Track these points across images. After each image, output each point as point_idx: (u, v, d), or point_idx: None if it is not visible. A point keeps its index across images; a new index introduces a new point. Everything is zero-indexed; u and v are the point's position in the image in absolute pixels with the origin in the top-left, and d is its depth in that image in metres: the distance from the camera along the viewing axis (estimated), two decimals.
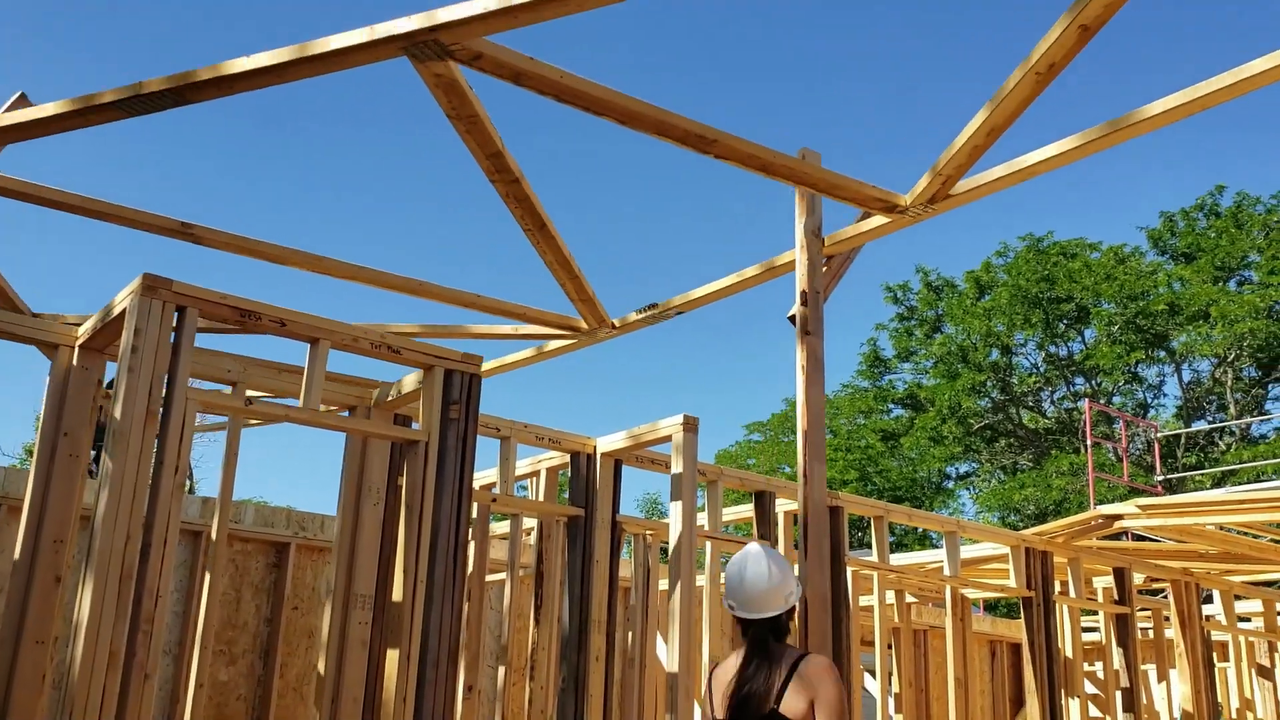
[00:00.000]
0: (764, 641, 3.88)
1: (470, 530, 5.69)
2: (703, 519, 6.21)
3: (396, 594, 4.36)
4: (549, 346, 6.03)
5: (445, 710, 4.37)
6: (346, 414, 5.05)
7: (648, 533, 7.12)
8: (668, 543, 5.62)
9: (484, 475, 6.53)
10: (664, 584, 7.71)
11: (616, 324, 5.67)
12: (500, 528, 7.94)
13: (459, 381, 4.69)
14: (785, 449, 31.35)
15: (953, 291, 30.53)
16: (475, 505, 5.86)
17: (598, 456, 5.95)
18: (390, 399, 5.01)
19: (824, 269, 5.01)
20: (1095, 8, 3.72)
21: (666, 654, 5.53)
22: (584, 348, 6.22)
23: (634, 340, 65.01)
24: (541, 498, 6.24)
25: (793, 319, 5.05)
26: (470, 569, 5.97)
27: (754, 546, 4.06)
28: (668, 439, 5.75)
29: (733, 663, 3.96)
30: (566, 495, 5.97)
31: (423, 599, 4.34)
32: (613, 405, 62.40)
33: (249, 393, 4.63)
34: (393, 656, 4.22)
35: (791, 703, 3.67)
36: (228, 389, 4.85)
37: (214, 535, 4.29)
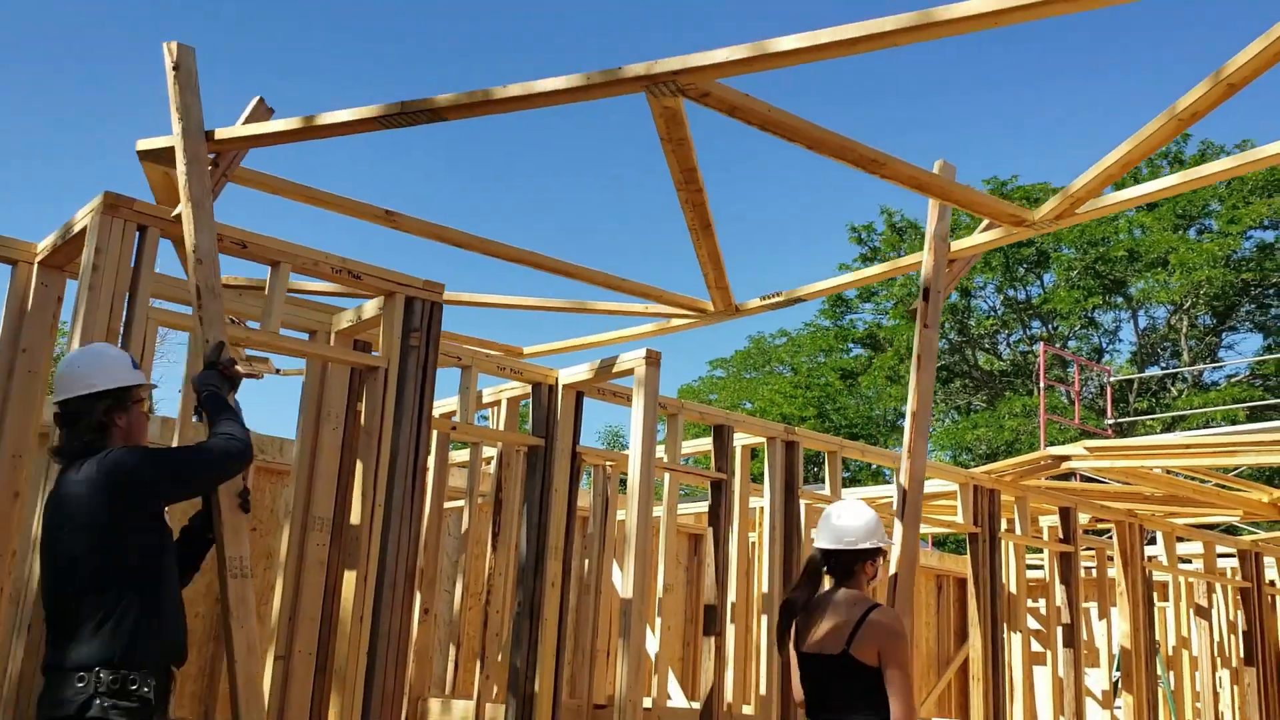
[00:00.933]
0: (816, 566, 4.12)
1: (429, 457, 5.74)
2: (662, 451, 6.30)
3: (354, 517, 4.41)
4: (672, 324, 6.69)
5: (401, 631, 4.45)
6: (307, 338, 5.05)
7: (607, 463, 7.20)
8: (627, 474, 5.71)
9: (445, 404, 6.56)
10: (622, 514, 7.82)
11: (739, 308, 6.23)
12: (460, 456, 8.00)
13: (420, 309, 4.70)
14: (746, 385, 31.62)
15: (915, 233, 30.66)
16: (435, 433, 5.90)
17: (560, 388, 5.99)
18: (351, 325, 5.01)
19: (946, 270, 5.60)
20: (1245, 71, 4.14)
21: (621, 581, 5.64)
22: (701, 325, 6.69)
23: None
24: (502, 427, 6.29)
25: (913, 312, 5.52)
26: (429, 495, 6.03)
27: (852, 499, 4.35)
28: (630, 372, 5.80)
29: (809, 596, 4.14)
30: (528, 425, 6.02)
31: (380, 522, 4.39)
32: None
33: None
34: (350, 578, 4.28)
35: (860, 647, 3.91)
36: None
37: None
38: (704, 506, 7.71)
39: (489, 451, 6.74)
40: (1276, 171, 26.61)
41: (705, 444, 7.14)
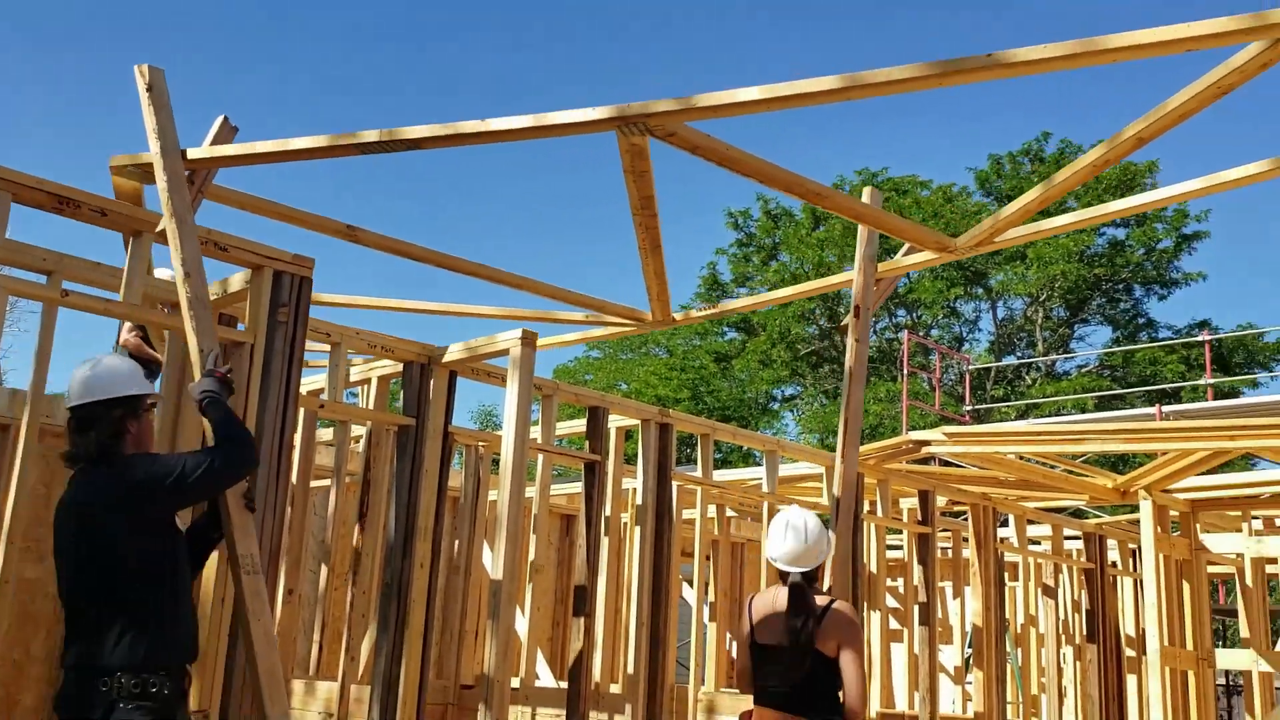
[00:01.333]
0: (802, 590, 4.48)
1: (295, 435, 5.61)
2: (536, 432, 6.30)
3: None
4: (610, 331, 7.19)
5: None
6: (169, 310, 4.88)
7: (480, 444, 7.16)
8: (500, 454, 5.69)
9: (313, 380, 6.42)
10: (494, 494, 7.79)
11: (678, 318, 6.61)
12: (328, 434, 7.84)
13: (289, 283, 4.59)
14: (623, 366, 31.75)
15: (790, 221, 31.23)
16: (302, 410, 5.78)
17: (432, 366, 5.93)
18: (216, 298, 4.86)
19: (874, 289, 6.08)
20: (1155, 127, 4.60)
21: (492, 562, 5.63)
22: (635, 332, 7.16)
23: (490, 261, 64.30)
24: (372, 405, 6.19)
25: (845, 329, 6.05)
26: (294, 474, 5.91)
27: (795, 510, 4.65)
28: (505, 352, 5.77)
29: (769, 596, 4.62)
30: (399, 404, 5.94)
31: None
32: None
33: (66, 284, 4.41)
34: (211, 558, 4.17)
35: (823, 642, 4.39)
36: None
37: (24, 429, 4.11)
38: (577, 487, 7.74)
39: (358, 430, 6.64)
40: (1128, 171, 27.98)
41: (580, 425, 7.16)
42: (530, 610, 6.63)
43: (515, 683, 6.30)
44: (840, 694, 4.38)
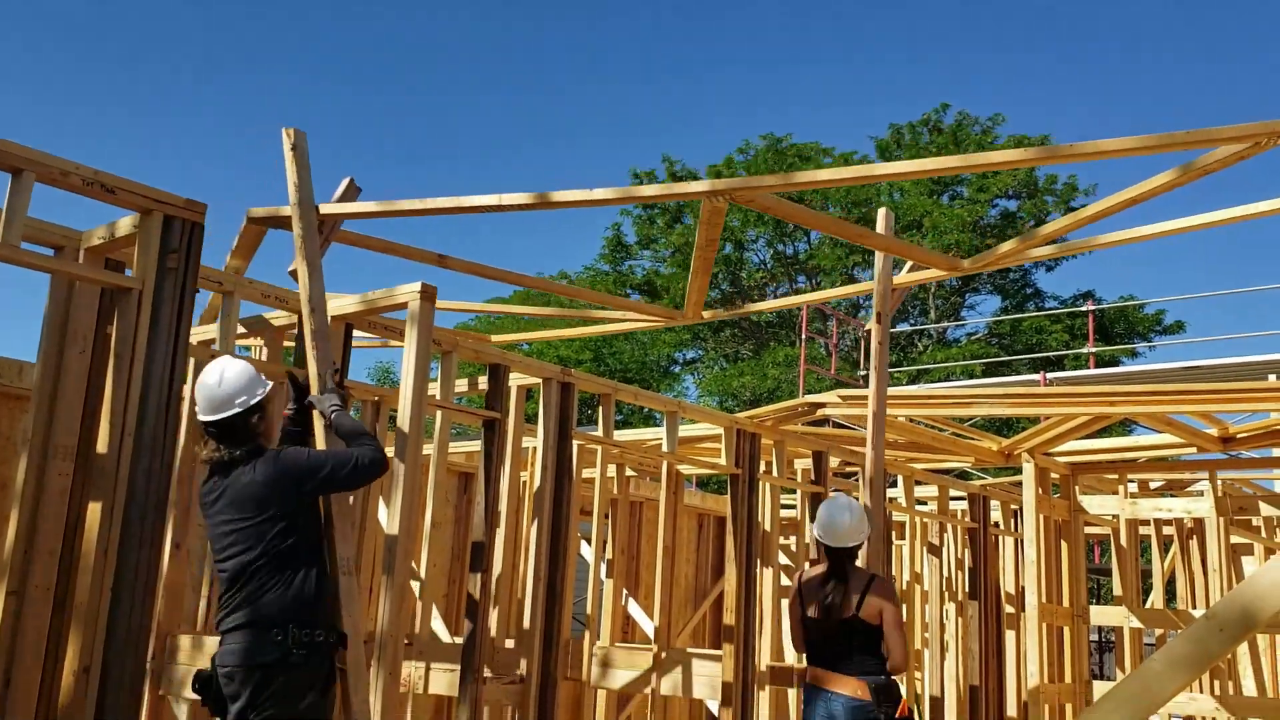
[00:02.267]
0: (843, 565, 5.26)
1: (185, 386, 5.48)
2: (434, 388, 6.23)
3: (101, 446, 4.17)
4: (644, 324, 8.24)
5: (151, 565, 4.27)
6: (52, 253, 4.70)
7: (377, 399, 7.07)
8: (397, 410, 5.63)
9: (205, 330, 6.25)
10: (390, 451, 7.72)
11: (705, 316, 7.36)
12: None
13: (179, 229, 4.46)
14: (525, 327, 31.57)
15: (694, 181, 31.35)
16: (192, 361, 5.63)
17: (327, 319, 5.81)
18: (103, 242, 4.69)
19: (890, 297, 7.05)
20: (1112, 204, 5.38)
21: (387, 518, 5.58)
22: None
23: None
24: (265, 358, 6.06)
25: (868, 334, 7.12)
26: (184, 426, 5.76)
27: (842, 495, 5.47)
28: (403, 306, 5.69)
29: (815, 573, 5.40)
30: (293, 358, 5.83)
31: (130, 452, 4.17)
32: (348, 273, 60.54)
33: None
34: (94, 509, 4.06)
35: (867, 611, 5.07)
36: None
37: None
38: (477, 445, 7.71)
39: None
40: (1022, 144, 28.71)
41: (480, 382, 7.12)
42: (426, 566, 6.60)
43: (409, 638, 6.28)
44: (881, 653, 5.09)
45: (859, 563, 5.45)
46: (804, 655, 5.37)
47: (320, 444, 4.45)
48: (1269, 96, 49.39)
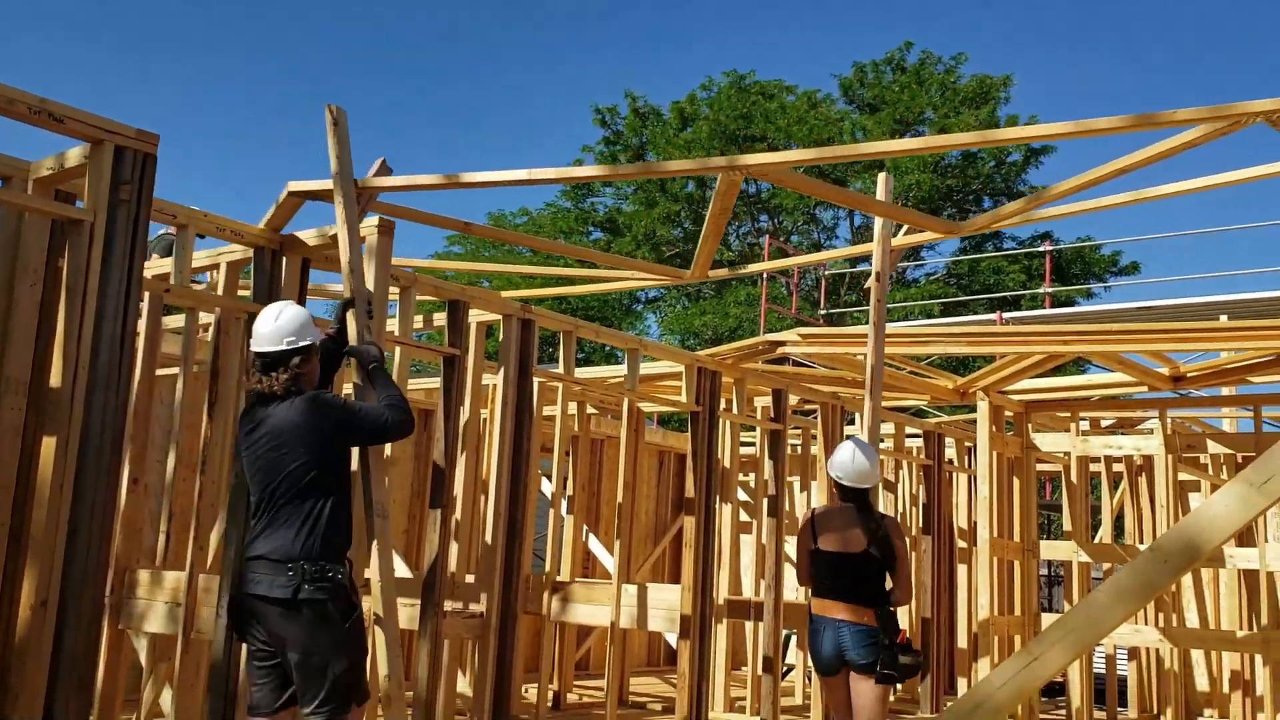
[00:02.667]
0: (863, 503, 5.61)
1: (140, 320, 5.41)
2: (393, 325, 6.20)
3: (54, 380, 4.13)
4: (651, 281, 8.54)
5: (108, 500, 4.25)
6: (1, 184, 4.60)
7: None
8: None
9: (159, 264, 6.16)
10: (349, 387, 7.69)
11: (711, 275, 7.60)
12: (175, 321, 7.57)
13: (131, 160, 4.37)
14: (485, 262, 31.36)
15: (658, 120, 31.07)
16: (147, 295, 5.56)
17: (284, 253, 5.75)
18: (52, 173, 4.60)
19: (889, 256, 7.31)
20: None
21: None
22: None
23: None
24: (221, 292, 5.99)
25: (867, 292, 7.22)
26: (139, 360, 5.70)
27: (859, 439, 5.75)
28: (361, 240, 5.64)
29: (831, 512, 5.69)
30: (250, 293, 5.76)
31: (84, 386, 4.13)
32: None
33: None
34: (49, 443, 4.03)
35: (879, 549, 5.46)
36: None
37: None
38: (437, 381, 7.69)
39: (207, 318, 6.42)
40: (985, 84, 28.71)
41: (440, 319, 7.09)
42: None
43: (368, 573, 6.30)
44: (884, 586, 5.48)
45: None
46: (809, 589, 5.72)
47: (352, 337, 4.74)
48: (1230, 28, 49.65)
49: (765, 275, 20.68)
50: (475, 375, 6.78)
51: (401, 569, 7.84)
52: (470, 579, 6.80)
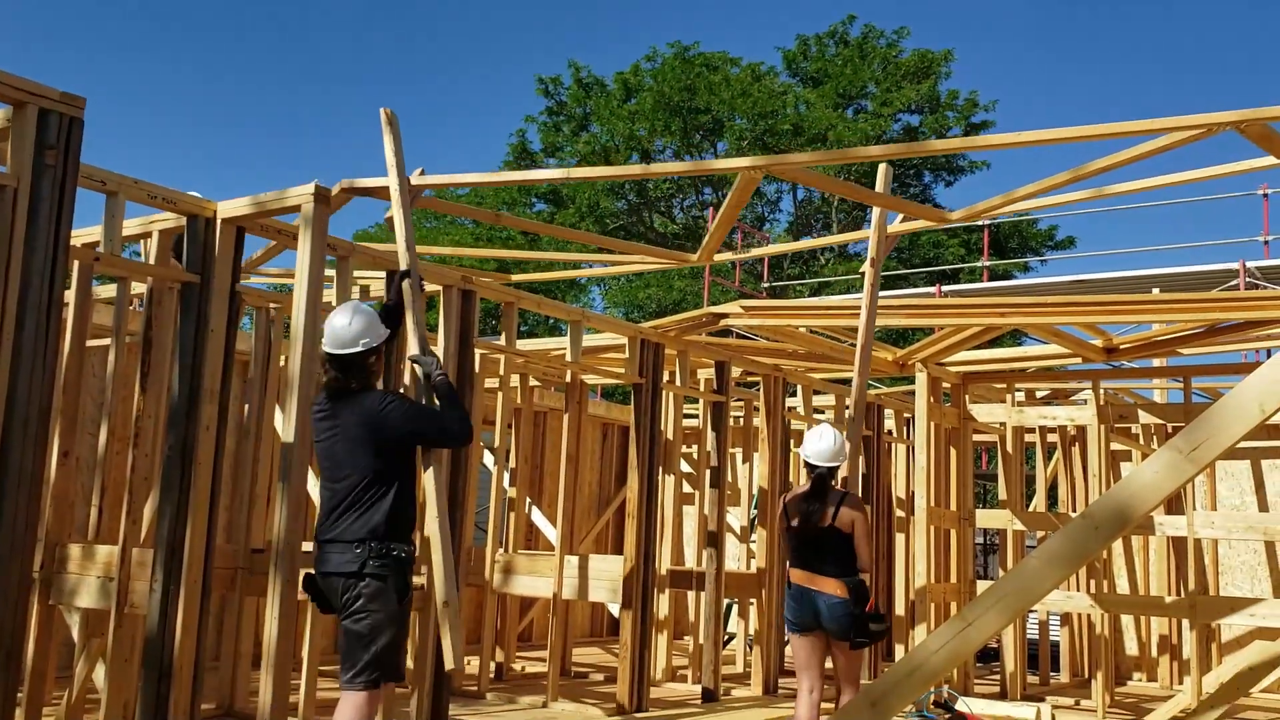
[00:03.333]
0: (824, 483, 6.04)
1: (69, 290, 5.28)
2: (330, 295, 6.11)
3: None
4: (657, 265, 9.14)
5: (35, 473, 4.15)
6: None
7: (271, 305, 6.92)
8: (292, 317, 5.51)
9: (89, 233, 6.01)
10: (284, 360, 7.58)
11: (716, 259, 8.05)
12: (108, 291, 7.41)
13: (57, 123, 4.25)
14: (427, 234, 31.06)
15: (602, 91, 30.89)
16: (76, 263, 5.43)
17: (218, 221, 5.64)
18: None
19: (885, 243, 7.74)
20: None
21: (283, 425, 5.50)
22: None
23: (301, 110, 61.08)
24: (153, 261, 5.86)
25: (863, 275, 7.69)
26: (68, 330, 5.57)
27: (827, 426, 6.18)
28: (296, 209, 5.55)
29: (799, 491, 6.17)
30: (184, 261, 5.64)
31: (9, 356, 4.02)
32: (248, 173, 58.74)
33: None
34: None
35: (841, 521, 5.94)
36: None
37: None
38: None
39: (140, 288, 6.28)
40: (926, 59, 28.90)
41: (379, 290, 7.00)
42: None
43: (308, 546, 6.24)
44: (852, 556, 5.95)
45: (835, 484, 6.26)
46: (789, 561, 6.22)
47: (413, 346, 5.04)
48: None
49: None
50: None
51: None
52: None
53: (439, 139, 59.83)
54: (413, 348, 5.04)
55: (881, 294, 10.26)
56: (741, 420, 10.76)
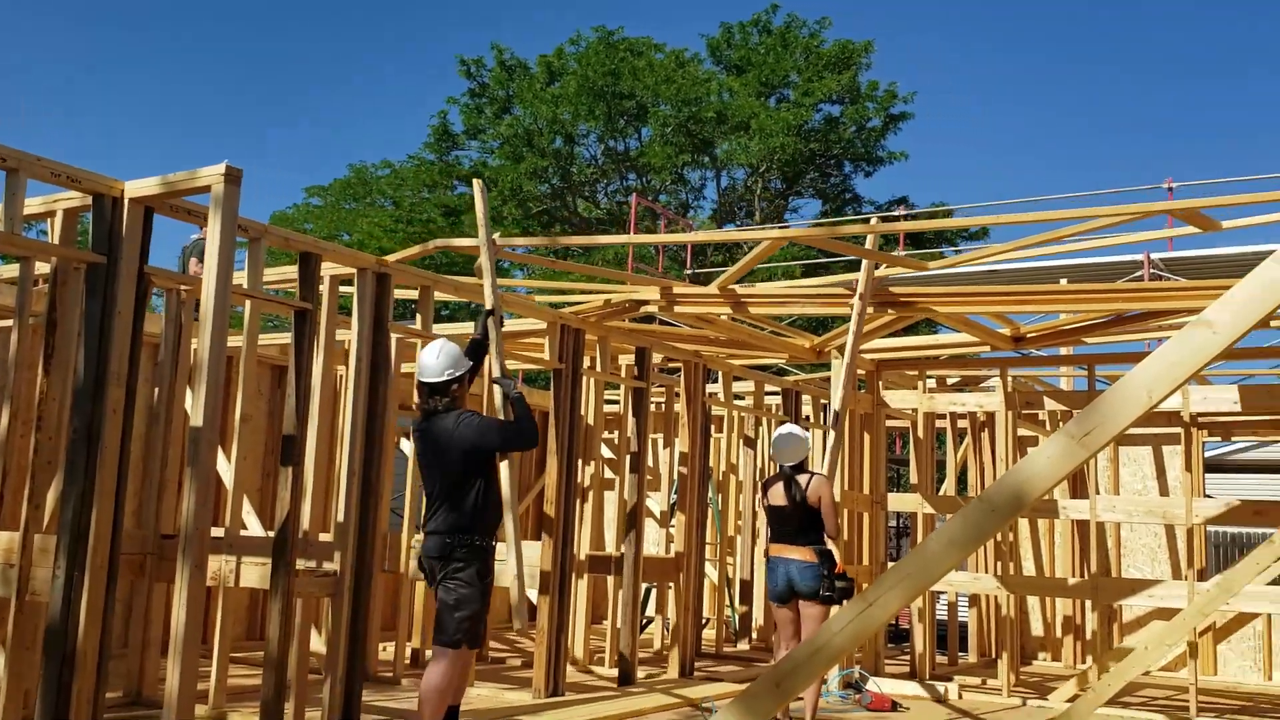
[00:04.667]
0: (790, 476, 7.05)
1: None
2: (241, 278, 6.01)
3: None
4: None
5: None
6: None
7: (182, 287, 6.79)
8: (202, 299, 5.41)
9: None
10: (196, 342, 7.43)
11: (732, 287, 8.93)
12: (10, 271, 7.20)
13: None
14: (345, 216, 30.60)
15: (525, 74, 30.69)
16: None
17: (125, 201, 5.51)
18: None
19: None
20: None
21: (192, 409, 5.41)
22: None
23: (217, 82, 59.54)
24: (57, 241, 5.71)
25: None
26: None
27: (789, 425, 7.25)
28: (207, 189, 5.45)
29: (775, 478, 7.14)
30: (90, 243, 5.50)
31: None
32: (159, 150, 57.29)
33: None
34: None
35: (810, 498, 6.92)
36: None
37: None
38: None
39: (43, 267, 6.11)
40: (847, 49, 29.23)
41: (292, 271, 6.90)
42: (236, 460, 6.46)
43: (219, 532, 6.15)
44: (821, 529, 6.92)
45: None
46: (768, 537, 7.16)
47: (495, 370, 6.28)
48: None
49: (631, 233, 20.75)
50: (329, 330, 6.64)
51: (255, 527, 7.67)
52: (325, 537, 6.70)
53: (360, 116, 58.94)
54: (495, 372, 6.23)
55: (801, 282, 10.41)
56: (662, 406, 10.83)
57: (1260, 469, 13.18)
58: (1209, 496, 10.55)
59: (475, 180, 7.16)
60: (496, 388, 6.06)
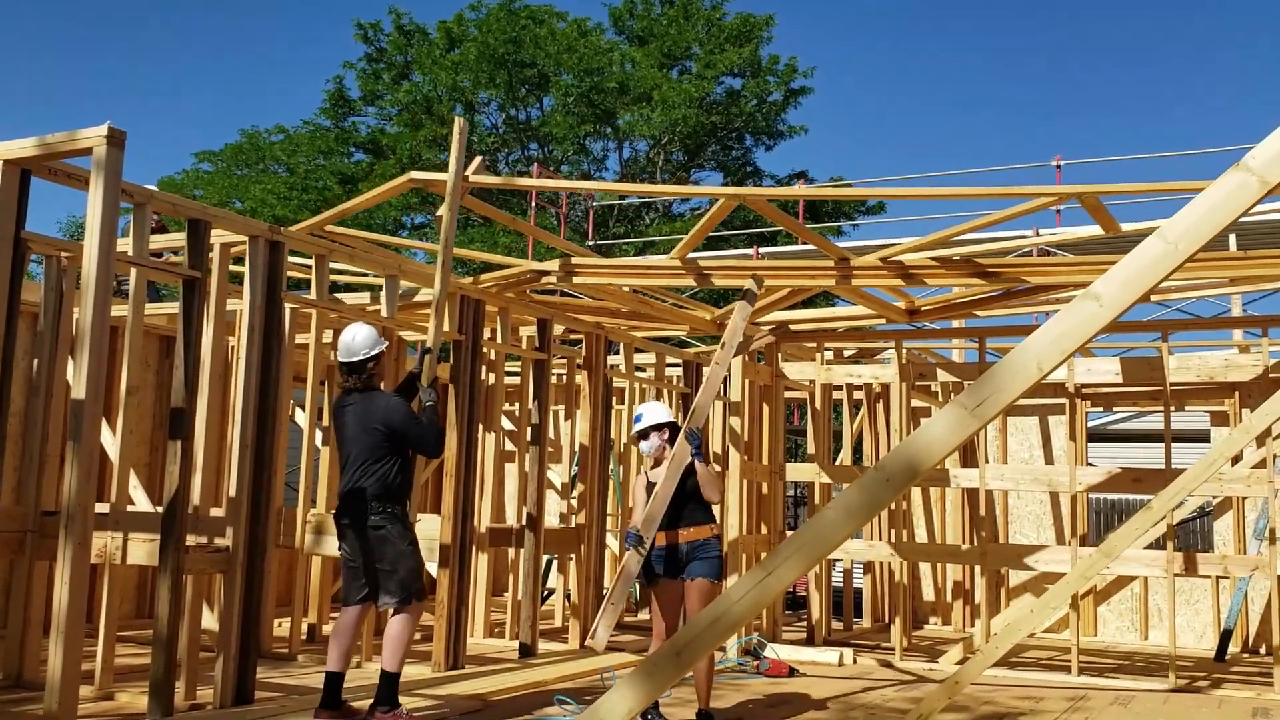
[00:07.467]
0: (671, 440, 6.66)
1: None
2: (126, 244, 5.79)
3: None
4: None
5: None
6: None
7: (63, 254, 6.52)
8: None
9: None
10: (78, 311, 7.14)
11: (686, 256, 8.82)
12: None
13: None
14: (237, 183, 29.70)
15: (424, 39, 30.12)
16: None
17: None
18: None
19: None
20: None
21: (73, 381, 5.21)
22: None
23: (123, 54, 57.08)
24: None
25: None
26: None
27: (648, 404, 6.83)
28: (88, 152, 5.22)
29: (653, 467, 6.66)
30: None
31: None
32: (43, 115, 54.97)
33: None
34: None
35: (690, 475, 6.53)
36: None
37: None
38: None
39: None
40: (749, 22, 29.34)
41: (180, 239, 6.67)
42: (123, 433, 6.24)
43: (104, 508, 5.94)
44: (705, 505, 6.45)
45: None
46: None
47: (425, 385, 6.45)
48: None
49: (534, 204, 20.59)
50: (219, 300, 6.44)
51: (143, 503, 7.43)
52: (217, 512, 6.52)
53: (254, 79, 57.24)
54: (425, 379, 6.45)
55: (702, 254, 10.44)
56: (564, 378, 10.79)
57: (1139, 438, 13.73)
58: (1091, 465, 10.95)
59: (457, 119, 7.07)
60: (423, 396, 6.42)
